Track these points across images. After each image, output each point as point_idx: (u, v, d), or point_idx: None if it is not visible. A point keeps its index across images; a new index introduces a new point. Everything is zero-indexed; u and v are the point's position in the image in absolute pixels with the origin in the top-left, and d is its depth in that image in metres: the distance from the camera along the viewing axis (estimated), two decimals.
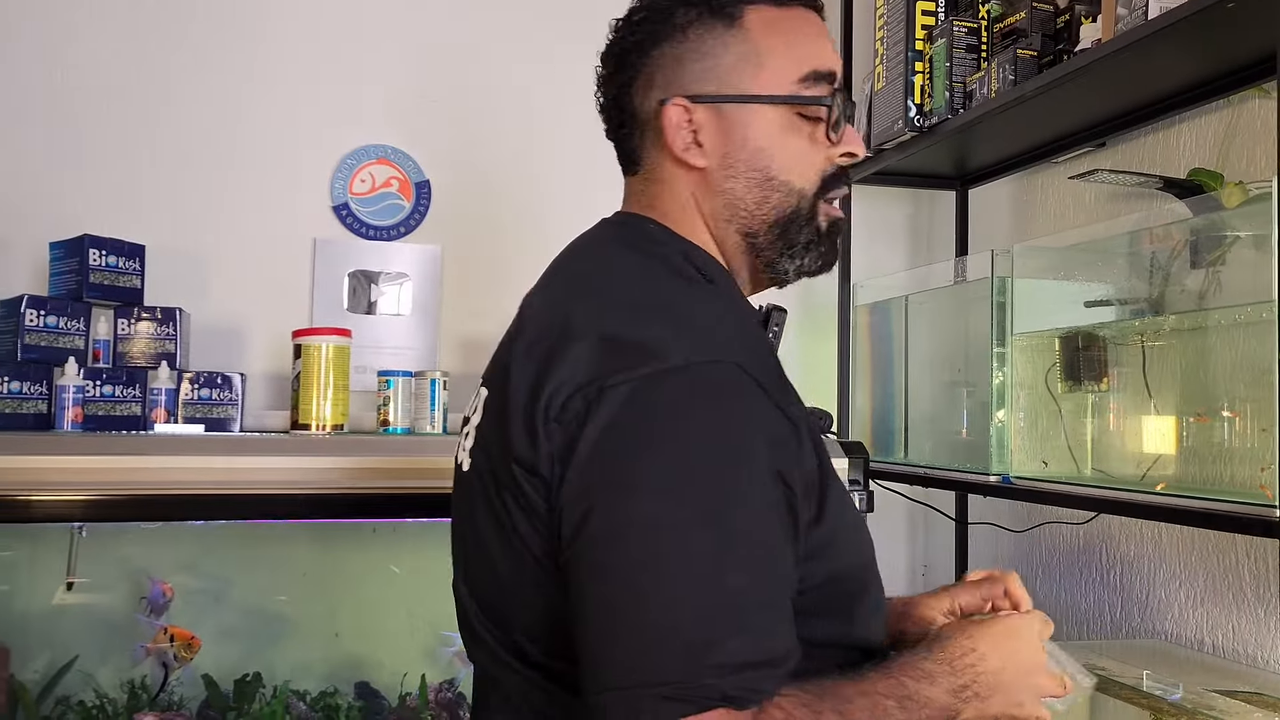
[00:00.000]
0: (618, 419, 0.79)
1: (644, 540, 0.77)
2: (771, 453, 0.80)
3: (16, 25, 2.07)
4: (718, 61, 0.94)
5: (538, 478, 0.82)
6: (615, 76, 0.99)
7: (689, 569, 0.76)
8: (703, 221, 0.97)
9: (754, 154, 0.94)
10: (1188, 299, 1.56)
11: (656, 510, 0.77)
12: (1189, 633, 1.74)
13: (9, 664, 1.84)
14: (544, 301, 0.94)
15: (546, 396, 0.82)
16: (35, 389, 1.78)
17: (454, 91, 2.30)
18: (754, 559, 0.78)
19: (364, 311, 2.24)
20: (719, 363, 0.82)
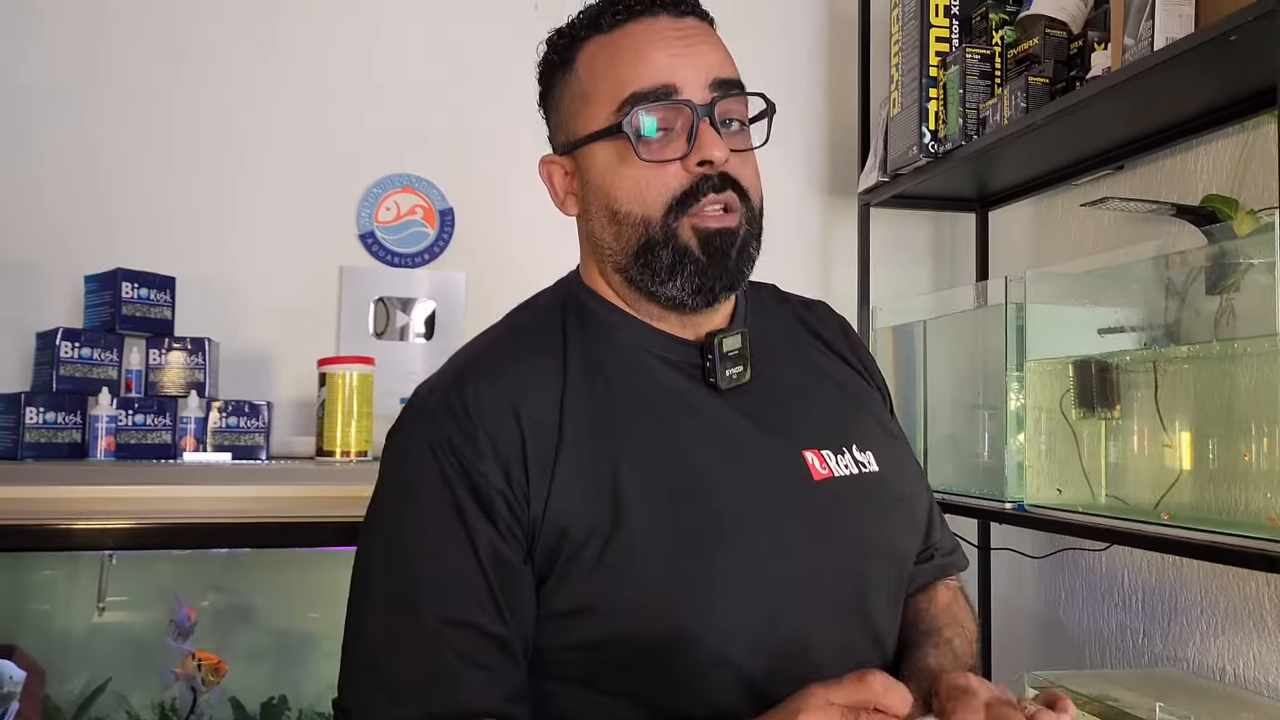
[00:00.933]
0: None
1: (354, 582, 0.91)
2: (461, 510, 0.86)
3: (50, 63, 2.14)
4: (561, 110, 0.98)
5: None
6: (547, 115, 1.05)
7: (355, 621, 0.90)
8: (594, 268, 1.00)
9: (598, 193, 0.95)
10: (1203, 326, 1.55)
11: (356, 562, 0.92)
12: (1210, 660, 1.73)
13: (44, 685, 1.90)
14: None
15: None
16: (70, 419, 1.84)
17: (476, 120, 2.34)
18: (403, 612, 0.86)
19: (389, 338, 2.28)
20: (419, 421, 0.91)
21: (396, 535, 0.88)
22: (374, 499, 0.93)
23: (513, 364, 0.92)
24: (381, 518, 0.91)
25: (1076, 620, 2.05)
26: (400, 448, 0.92)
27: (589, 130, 0.93)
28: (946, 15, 1.99)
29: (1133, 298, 1.69)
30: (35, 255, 2.09)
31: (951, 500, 1.94)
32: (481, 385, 0.89)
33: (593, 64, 0.94)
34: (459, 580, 0.85)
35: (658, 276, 0.93)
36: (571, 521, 0.85)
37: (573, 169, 0.97)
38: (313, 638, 2.12)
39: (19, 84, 2.12)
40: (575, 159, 0.96)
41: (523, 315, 1.01)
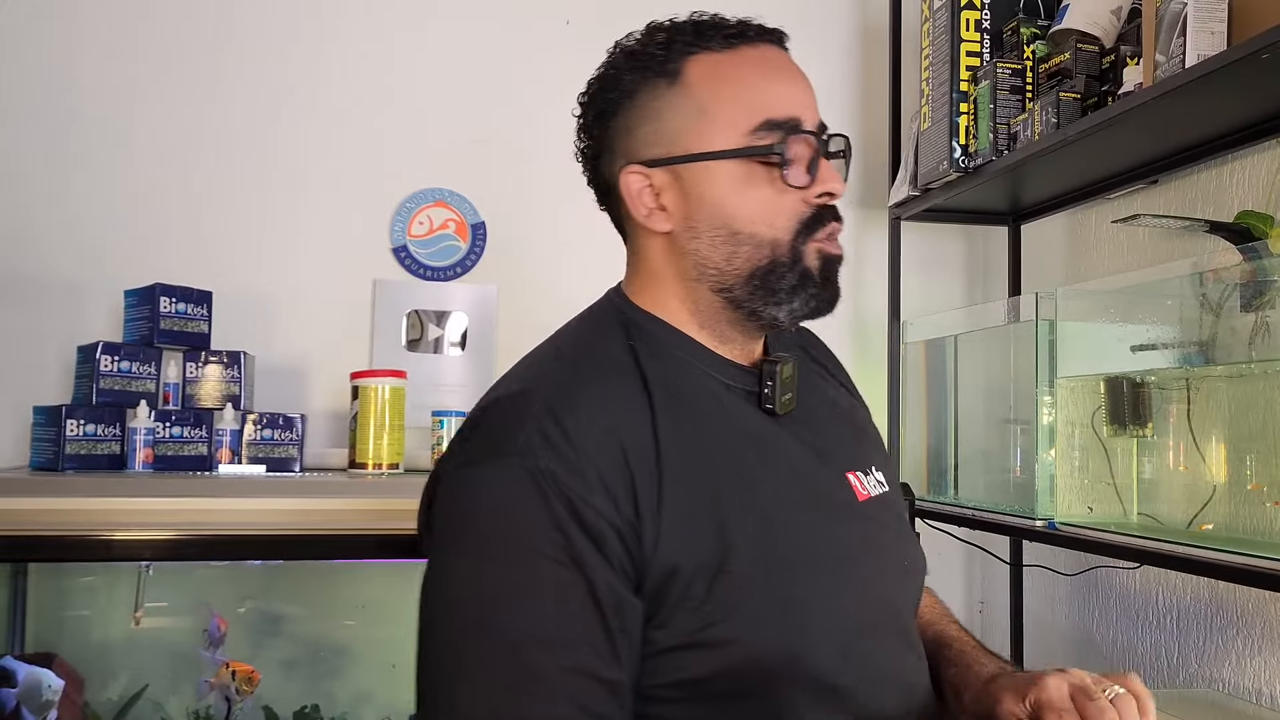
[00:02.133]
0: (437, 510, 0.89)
1: (431, 639, 0.84)
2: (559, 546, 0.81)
3: (86, 82, 2.19)
4: (663, 123, 0.93)
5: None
6: (586, 151, 1.00)
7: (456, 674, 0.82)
8: (672, 285, 0.96)
9: (713, 211, 0.92)
10: (1237, 343, 1.53)
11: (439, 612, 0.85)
12: (1247, 681, 1.71)
13: (84, 692, 1.93)
14: None
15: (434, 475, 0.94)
16: (109, 431, 1.87)
17: (508, 134, 2.36)
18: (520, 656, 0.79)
19: (423, 350, 2.30)
20: (509, 457, 0.83)
21: (500, 579, 0.82)
22: (458, 540, 0.85)
23: (601, 392, 0.88)
24: (475, 561, 0.83)
25: (1110, 639, 2.03)
26: (491, 483, 0.84)
27: (711, 148, 0.91)
28: (977, 29, 1.99)
29: (1166, 314, 1.68)
30: (77, 271, 2.14)
31: (982, 517, 1.93)
32: (579, 415, 0.85)
33: (712, 81, 0.93)
34: (575, 624, 0.80)
35: (774, 297, 0.93)
36: (681, 557, 0.83)
37: (667, 183, 0.93)
38: (345, 647, 2.15)
39: (59, 106, 2.17)
40: (676, 173, 0.93)
41: (584, 338, 0.97)
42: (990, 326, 2.02)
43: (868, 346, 2.46)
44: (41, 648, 1.96)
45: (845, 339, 2.48)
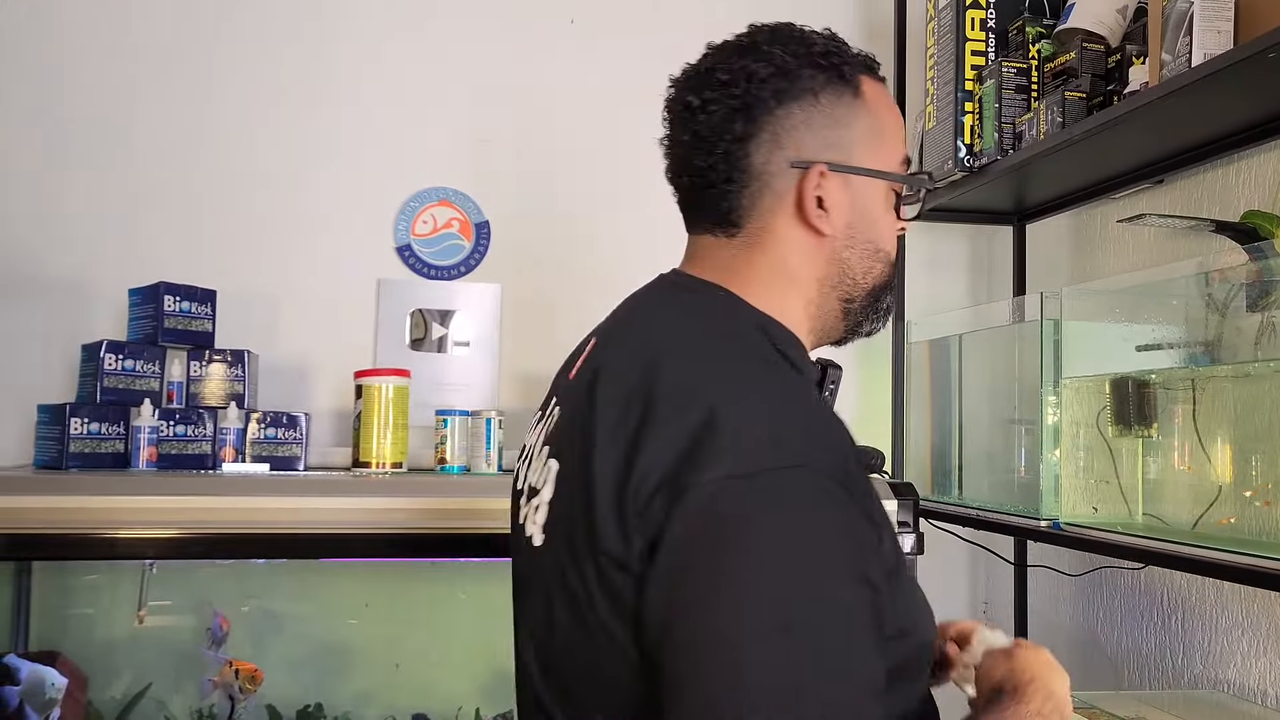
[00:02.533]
0: (697, 523, 0.75)
1: (720, 656, 0.72)
2: (856, 559, 0.76)
3: (88, 82, 2.19)
4: (848, 131, 0.94)
5: (625, 572, 0.78)
6: (730, 129, 0.92)
7: (764, 687, 0.70)
8: (802, 287, 0.95)
9: (870, 226, 0.96)
10: (1244, 343, 1.53)
11: (732, 625, 0.73)
12: (1252, 682, 1.70)
13: (87, 690, 1.93)
14: (618, 381, 0.86)
15: (633, 487, 0.78)
16: (113, 429, 1.87)
17: (512, 133, 2.36)
18: (832, 674, 0.73)
19: (427, 349, 2.30)
20: (799, 468, 0.76)
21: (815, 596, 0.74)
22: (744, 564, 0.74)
23: (834, 420, 0.86)
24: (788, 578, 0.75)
25: (1114, 639, 2.03)
26: (785, 494, 0.76)
27: (882, 167, 0.96)
28: (982, 29, 1.98)
29: (1171, 314, 1.67)
30: (81, 270, 2.14)
31: (987, 517, 1.92)
32: (829, 417, 0.86)
33: (880, 105, 0.98)
34: (873, 671, 0.76)
35: (876, 313, 1.00)
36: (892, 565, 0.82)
37: (839, 188, 0.93)
38: (349, 646, 2.15)
39: (61, 106, 2.17)
40: (850, 182, 0.94)
41: (750, 349, 0.90)
42: (995, 326, 2.02)
43: (871, 346, 2.45)
44: (45, 646, 1.96)
45: None
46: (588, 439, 0.84)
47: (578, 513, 0.83)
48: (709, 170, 0.93)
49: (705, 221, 0.97)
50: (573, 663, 0.86)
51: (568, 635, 0.85)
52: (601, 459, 0.82)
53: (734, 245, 0.95)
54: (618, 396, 0.85)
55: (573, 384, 0.95)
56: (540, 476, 0.93)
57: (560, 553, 0.85)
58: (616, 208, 2.36)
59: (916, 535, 1.82)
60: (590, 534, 0.80)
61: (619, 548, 0.78)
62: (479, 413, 2.06)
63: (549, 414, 0.98)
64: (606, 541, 0.79)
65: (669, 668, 0.75)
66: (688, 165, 0.95)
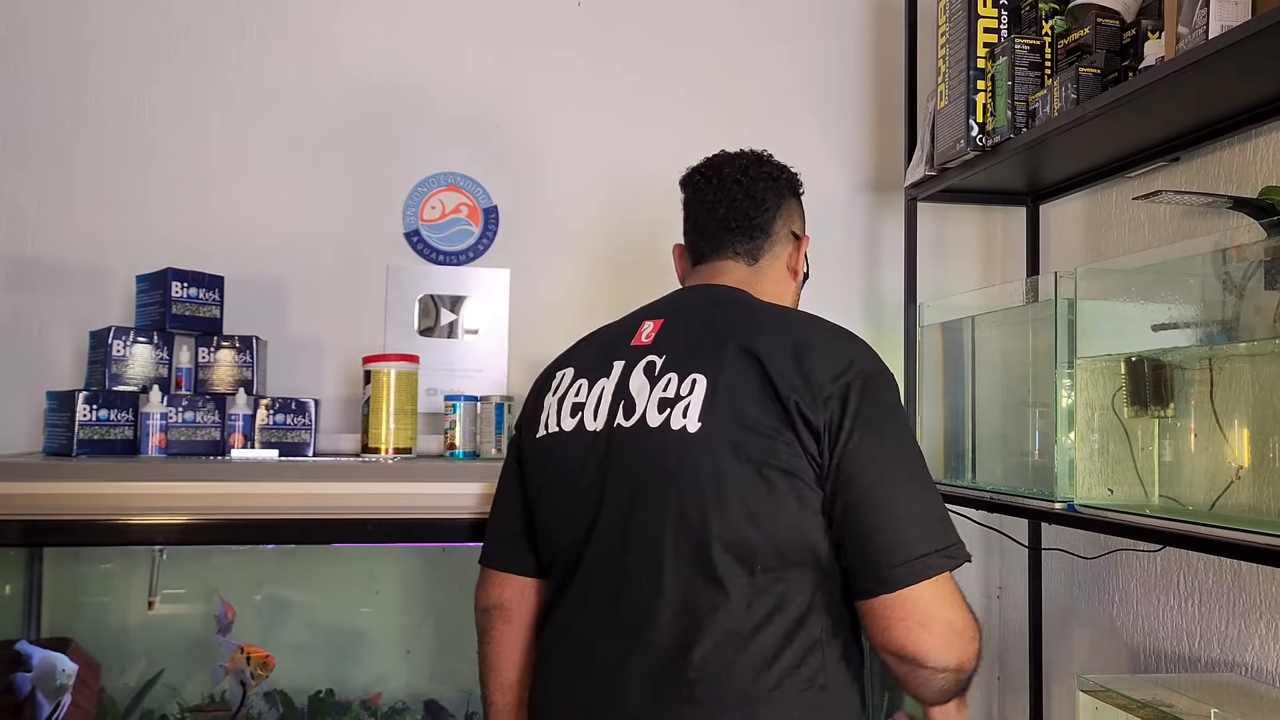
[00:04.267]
0: (867, 395, 1.21)
1: (899, 465, 1.21)
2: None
3: (96, 68, 2.18)
4: (801, 216, 1.51)
5: (813, 432, 1.18)
6: (774, 201, 1.45)
7: (925, 486, 1.23)
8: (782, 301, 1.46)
9: (799, 276, 1.51)
10: (1262, 321, 1.50)
11: (901, 451, 1.22)
12: (1270, 666, 1.68)
13: (100, 678, 1.94)
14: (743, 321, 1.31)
15: (816, 382, 1.20)
16: (122, 416, 1.87)
17: (520, 118, 2.35)
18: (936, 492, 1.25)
19: (435, 335, 2.29)
20: (887, 370, 1.28)
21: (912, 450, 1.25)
22: (899, 414, 1.26)
23: None
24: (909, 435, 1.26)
25: (1130, 623, 2.01)
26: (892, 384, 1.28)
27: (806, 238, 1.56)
28: (995, 5, 1.95)
29: (1188, 293, 1.65)
30: (90, 257, 2.14)
31: (1000, 500, 1.91)
32: None
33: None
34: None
35: None
36: None
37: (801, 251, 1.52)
38: (360, 632, 2.15)
39: (69, 93, 2.17)
40: (798, 247, 1.51)
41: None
42: (1008, 307, 1.99)
43: (883, 329, 2.44)
44: (58, 632, 1.97)
45: (860, 321, 2.46)
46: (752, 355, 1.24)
47: (759, 402, 1.21)
48: (753, 222, 1.44)
49: (734, 250, 1.43)
50: (752, 523, 1.19)
51: (749, 498, 1.19)
52: (778, 368, 1.22)
53: (751, 271, 1.44)
54: (765, 332, 1.27)
55: (667, 343, 1.31)
56: (671, 388, 1.27)
57: (731, 432, 1.21)
58: (625, 192, 2.35)
59: None
60: (780, 412, 1.20)
61: (811, 415, 1.19)
62: (488, 398, 2.05)
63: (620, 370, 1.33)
64: (800, 414, 1.19)
65: (863, 478, 1.19)
66: (741, 216, 1.43)
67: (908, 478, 1.21)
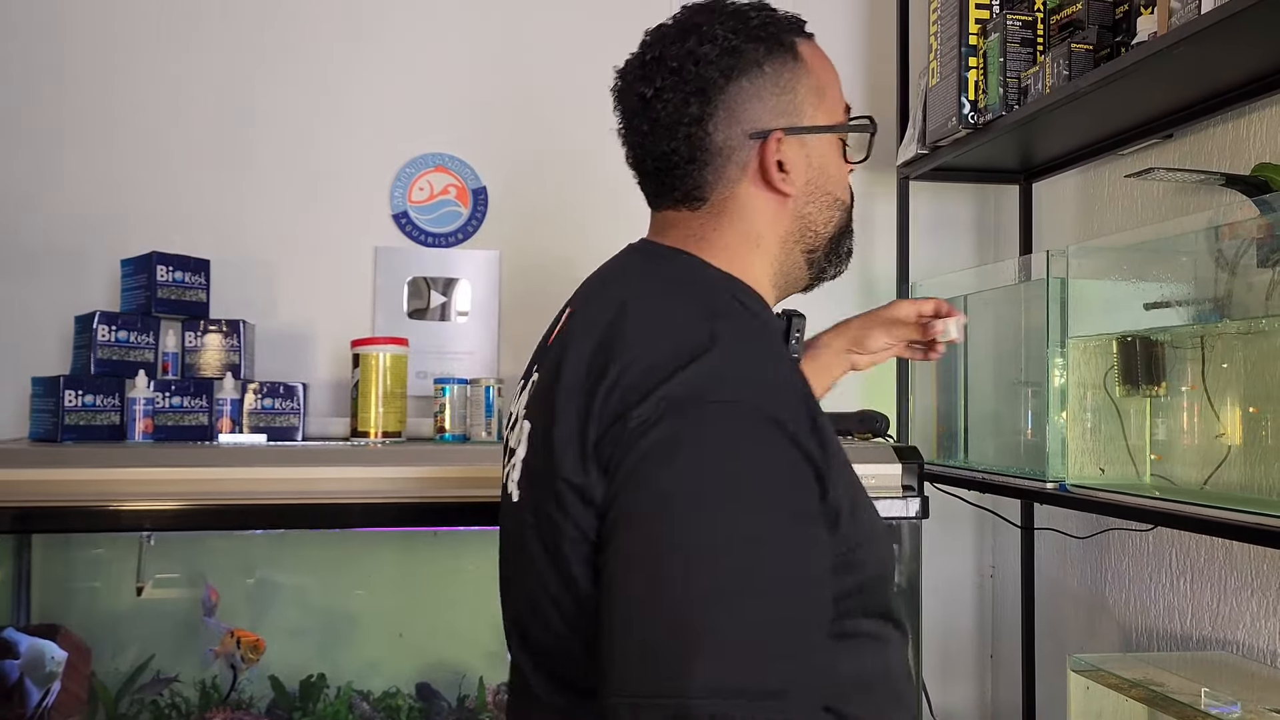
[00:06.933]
0: (651, 451, 0.80)
1: (658, 564, 0.78)
2: (794, 494, 0.81)
3: (80, 47, 2.16)
4: (794, 95, 0.99)
5: (588, 504, 0.83)
6: (687, 113, 0.97)
7: (690, 595, 0.76)
8: (766, 247, 1.00)
9: (826, 179, 1.02)
10: (1254, 299, 1.49)
11: (676, 538, 0.78)
12: (1261, 643, 1.68)
13: (90, 662, 1.93)
14: (588, 336, 0.91)
15: (598, 413, 0.84)
16: (108, 401, 1.86)
17: (508, 98, 2.32)
18: (758, 595, 0.76)
19: (425, 317, 2.27)
20: (737, 404, 0.81)
21: (733, 528, 0.78)
22: (689, 487, 0.79)
23: (778, 341, 1.00)
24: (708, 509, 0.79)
25: (1123, 601, 2.01)
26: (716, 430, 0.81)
27: (828, 121, 1.01)
28: None
29: (1180, 271, 1.64)
30: (75, 241, 2.12)
31: (993, 479, 1.90)
32: (783, 366, 0.90)
33: (817, 63, 1.02)
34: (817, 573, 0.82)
35: (837, 257, 1.05)
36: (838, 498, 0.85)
37: (791, 152, 0.99)
38: (352, 617, 2.14)
39: (52, 75, 2.14)
40: (805, 142, 0.99)
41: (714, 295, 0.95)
42: (1000, 286, 1.98)
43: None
44: (47, 619, 1.96)
45: (852, 301, 2.45)
46: (557, 392, 0.89)
47: (545, 456, 0.88)
48: (672, 154, 0.99)
49: (671, 198, 1.02)
50: (550, 620, 0.89)
51: (546, 586, 0.89)
52: (566, 401, 0.87)
53: (701, 215, 1.00)
54: (585, 350, 0.89)
55: (549, 349, 0.98)
56: (518, 438, 0.98)
57: (528, 503, 0.91)
58: (614, 171, 2.32)
59: (922, 499, 1.79)
60: (554, 472, 0.86)
61: (581, 480, 0.83)
62: (478, 381, 2.04)
63: (530, 381, 1.02)
64: (570, 475, 0.84)
65: (612, 574, 0.80)
66: (651, 152, 1.00)
67: (669, 580, 0.77)
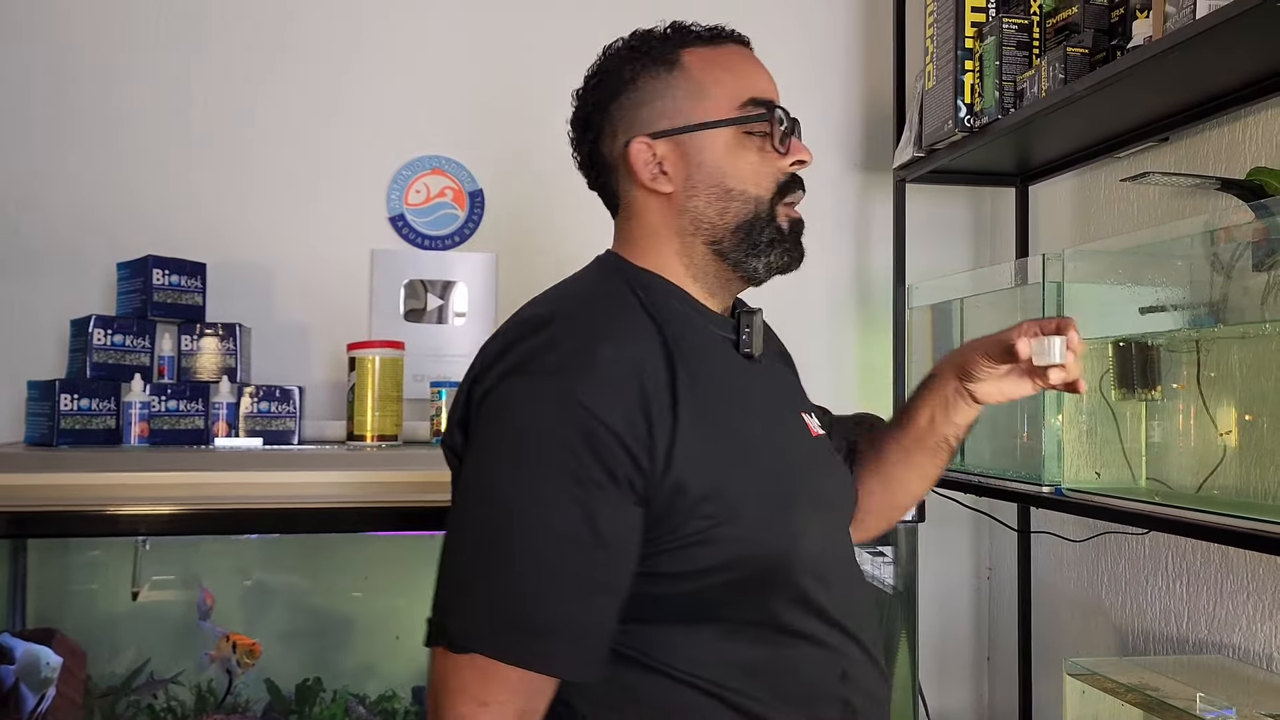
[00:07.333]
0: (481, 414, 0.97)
1: (459, 509, 0.97)
2: (579, 460, 0.91)
3: (78, 48, 2.15)
4: (666, 100, 1.08)
5: (457, 458, 1.01)
6: (585, 135, 1.13)
7: (469, 539, 0.94)
8: (670, 242, 1.09)
9: (710, 172, 1.07)
10: (1250, 303, 1.49)
11: (473, 489, 0.96)
12: (1258, 647, 1.68)
13: (86, 666, 1.93)
14: None
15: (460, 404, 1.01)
16: (103, 405, 1.86)
17: (505, 101, 2.32)
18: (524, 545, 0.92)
19: (422, 320, 2.27)
20: (547, 376, 0.94)
21: (527, 487, 0.93)
22: (491, 445, 0.96)
23: (622, 324, 1.01)
24: (504, 465, 0.95)
25: (1119, 605, 2.01)
26: (524, 400, 0.95)
27: (707, 118, 1.06)
28: None
29: (1176, 275, 1.64)
30: (70, 244, 2.11)
31: (989, 483, 1.90)
32: (610, 345, 0.97)
33: (699, 67, 1.08)
34: (580, 533, 0.92)
35: (755, 249, 1.08)
36: (690, 475, 0.95)
37: (669, 150, 1.07)
38: (348, 620, 2.14)
39: (50, 79, 2.14)
40: (679, 142, 1.07)
41: (595, 285, 1.09)
42: (997, 290, 1.98)
43: (872, 311, 2.43)
44: (43, 623, 1.96)
45: (849, 304, 2.45)
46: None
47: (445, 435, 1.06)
48: (586, 173, 1.16)
49: (609, 208, 1.16)
50: None
51: None
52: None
53: (621, 220, 1.14)
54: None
55: None
56: None
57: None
58: None
59: (918, 503, 1.79)
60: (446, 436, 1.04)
61: (451, 440, 1.01)
62: None
63: None
64: (449, 439, 1.02)
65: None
66: (585, 175, 1.17)
67: (468, 525, 0.95)
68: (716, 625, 0.98)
